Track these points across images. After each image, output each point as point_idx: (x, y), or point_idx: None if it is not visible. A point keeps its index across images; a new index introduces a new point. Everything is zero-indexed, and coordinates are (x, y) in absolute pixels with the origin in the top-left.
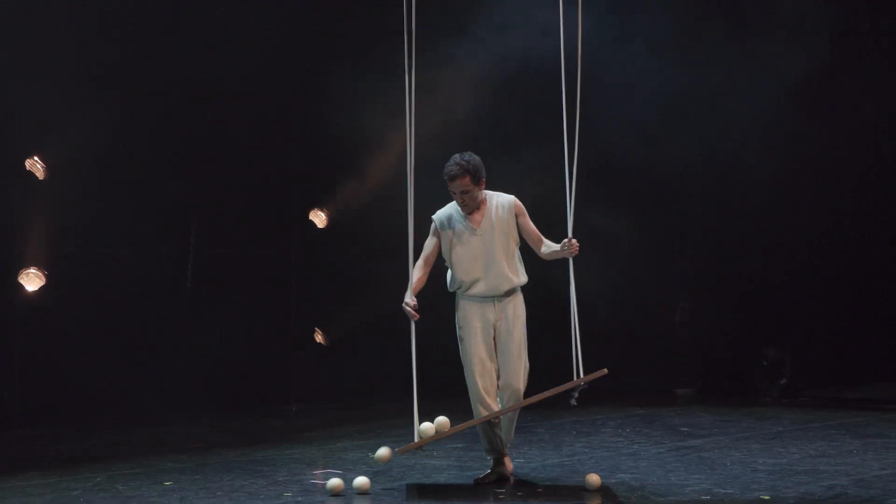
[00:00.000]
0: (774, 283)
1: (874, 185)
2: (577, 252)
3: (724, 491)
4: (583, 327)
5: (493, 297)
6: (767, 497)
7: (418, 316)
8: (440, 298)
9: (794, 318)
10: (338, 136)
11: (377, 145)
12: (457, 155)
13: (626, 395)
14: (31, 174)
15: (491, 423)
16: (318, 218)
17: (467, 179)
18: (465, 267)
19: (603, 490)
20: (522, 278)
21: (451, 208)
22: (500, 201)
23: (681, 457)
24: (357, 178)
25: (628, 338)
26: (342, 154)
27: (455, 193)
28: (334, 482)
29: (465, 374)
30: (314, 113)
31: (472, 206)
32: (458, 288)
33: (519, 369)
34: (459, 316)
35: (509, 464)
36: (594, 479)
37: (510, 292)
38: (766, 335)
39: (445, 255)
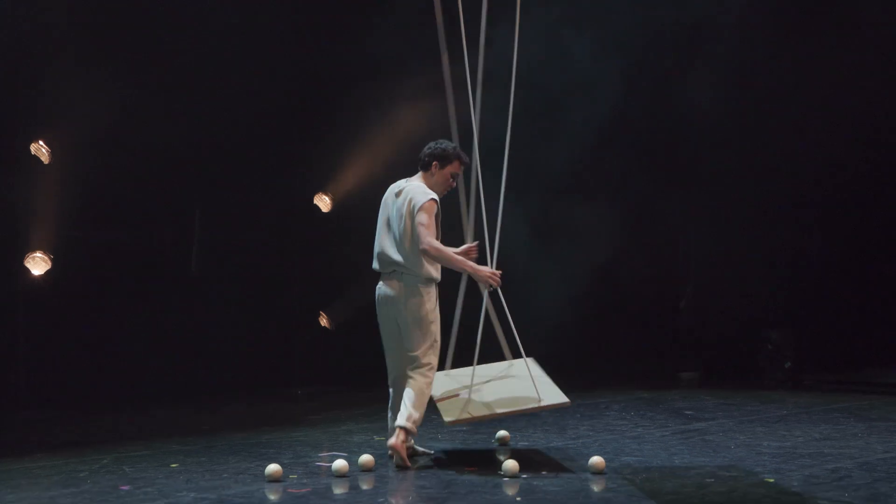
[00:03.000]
0: (778, 267)
1: (880, 168)
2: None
3: (728, 474)
4: (589, 313)
5: None
6: (772, 480)
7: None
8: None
9: (799, 302)
10: (342, 120)
11: (381, 130)
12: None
13: (631, 378)
14: (36, 158)
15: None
16: (323, 202)
17: None
18: None
19: (607, 473)
20: None
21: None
22: None
23: (685, 440)
24: (361, 162)
25: (633, 322)
26: (347, 138)
27: (456, 175)
28: (339, 464)
29: (435, 357)
30: (319, 97)
31: None
32: (437, 273)
33: None
34: (433, 301)
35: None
36: (598, 461)
37: None
38: (770, 319)
39: None
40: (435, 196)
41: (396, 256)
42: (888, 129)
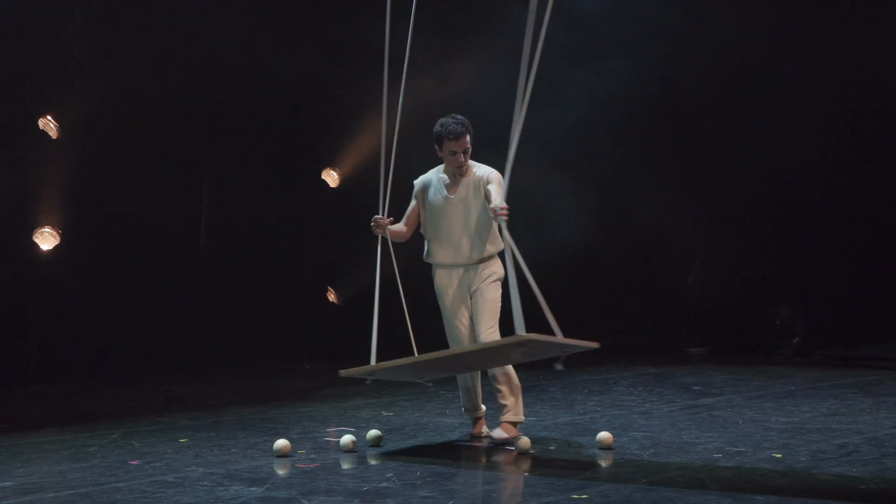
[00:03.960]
0: (786, 242)
1: (888, 144)
2: (506, 218)
3: (735, 449)
4: (596, 287)
5: (465, 265)
6: (779, 455)
7: (383, 230)
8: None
9: (807, 277)
10: (349, 96)
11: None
12: (447, 117)
13: (639, 354)
14: (44, 133)
15: (473, 379)
16: (331, 177)
17: (468, 138)
18: (434, 235)
19: (615, 448)
20: (497, 246)
21: (432, 174)
22: (480, 172)
23: (693, 415)
24: (367, 138)
25: (641, 297)
26: (354, 113)
27: (455, 153)
28: (347, 439)
29: (448, 338)
30: (326, 71)
31: (465, 166)
32: (427, 256)
33: (491, 322)
34: (436, 284)
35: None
36: (606, 437)
37: (483, 259)
38: (778, 294)
39: (421, 221)
40: (415, 182)
41: None
42: None
